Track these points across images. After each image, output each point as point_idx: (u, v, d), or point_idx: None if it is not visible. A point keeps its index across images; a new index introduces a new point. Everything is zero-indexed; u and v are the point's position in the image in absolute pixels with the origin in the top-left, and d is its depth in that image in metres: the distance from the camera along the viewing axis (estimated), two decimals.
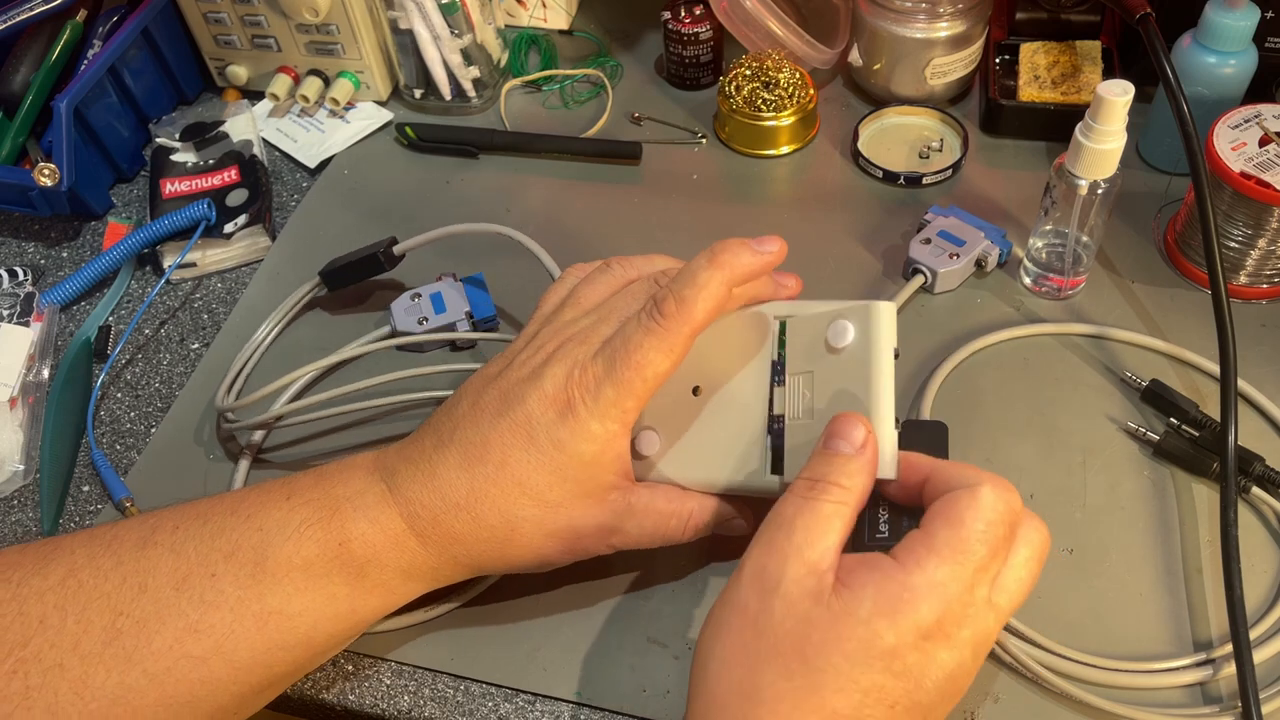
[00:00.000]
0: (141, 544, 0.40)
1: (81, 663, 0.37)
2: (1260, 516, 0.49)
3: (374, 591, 0.42)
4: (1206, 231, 0.52)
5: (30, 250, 0.70)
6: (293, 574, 0.40)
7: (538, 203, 0.69)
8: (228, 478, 0.55)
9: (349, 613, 0.41)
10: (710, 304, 0.41)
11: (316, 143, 0.74)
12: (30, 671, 0.37)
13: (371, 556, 0.41)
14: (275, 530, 0.40)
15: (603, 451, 0.41)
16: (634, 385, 0.41)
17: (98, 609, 0.38)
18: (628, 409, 0.41)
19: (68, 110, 0.66)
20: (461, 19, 0.71)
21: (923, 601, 0.34)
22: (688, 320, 0.41)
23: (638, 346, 0.41)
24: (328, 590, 0.40)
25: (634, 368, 0.40)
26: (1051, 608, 0.47)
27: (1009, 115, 0.68)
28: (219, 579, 0.39)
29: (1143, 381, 0.54)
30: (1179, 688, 0.44)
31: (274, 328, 0.61)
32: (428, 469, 0.42)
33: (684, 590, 0.49)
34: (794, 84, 0.68)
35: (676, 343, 0.41)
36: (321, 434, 0.57)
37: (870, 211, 0.65)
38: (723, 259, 0.42)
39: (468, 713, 0.46)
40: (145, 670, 0.38)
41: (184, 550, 0.40)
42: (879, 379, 0.41)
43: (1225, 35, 0.58)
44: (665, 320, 0.41)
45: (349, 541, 0.41)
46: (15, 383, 0.59)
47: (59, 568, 0.39)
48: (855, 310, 0.43)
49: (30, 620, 0.38)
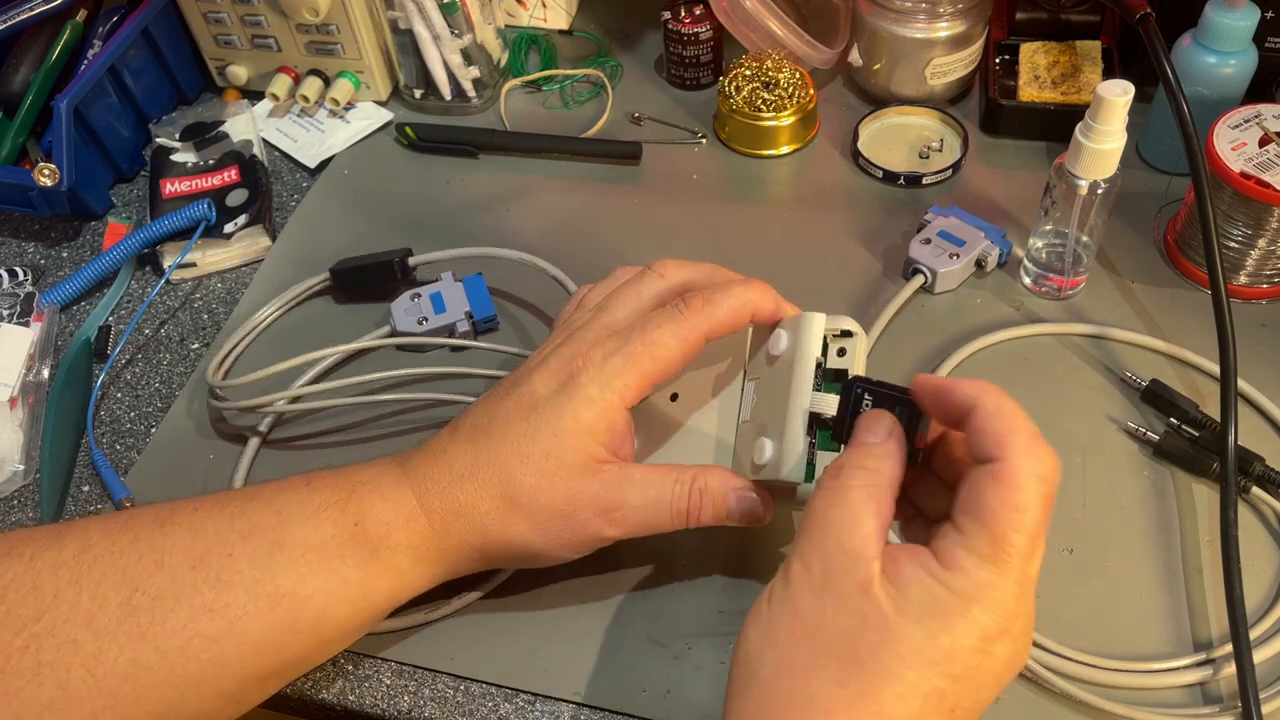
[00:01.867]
0: (160, 523, 0.41)
1: (95, 639, 0.37)
2: (1260, 516, 0.49)
3: (385, 575, 0.42)
4: (1206, 231, 0.52)
5: (30, 250, 0.70)
6: (308, 554, 0.41)
7: (538, 203, 0.69)
8: (228, 478, 0.55)
9: (359, 596, 0.42)
10: (733, 312, 0.43)
11: (316, 143, 0.74)
12: (43, 646, 0.37)
13: (384, 535, 0.42)
14: (294, 513, 0.41)
15: (598, 419, 0.42)
16: (641, 360, 0.42)
17: (113, 584, 0.38)
18: (629, 383, 0.42)
19: (68, 110, 0.66)
20: (461, 19, 0.71)
21: (974, 605, 0.33)
22: (709, 318, 0.43)
23: (655, 328, 0.43)
24: (341, 572, 0.41)
25: (645, 344, 0.42)
26: (1051, 608, 0.47)
27: (1009, 115, 0.68)
28: (235, 558, 0.40)
29: (1143, 381, 0.54)
30: (1179, 688, 0.44)
31: (275, 312, 0.62)
32: (438, 449, 0.44)
33: (684, 590, 0.49)
34: (794, 84, 0.68)
35: (691, 335, 0.43)
36: (320, 433, 0.57)
37: (870, 211, 0.65)
38: (756, 284, 0.45)
39: (468, 713, 0.46)
40: (158, 648, 0.38)
41: (202, 529, 0.41)
42: (797, 386, 0.42)
43: (1225, 35, 0.58)
44: (688, 311, 0.43)
45: (364, 520, 0.42)
46: (15, 383, 0.59)
47: (74, 542, 0.39)
48: (791, 321, 0.45)
49: (44, 595, 0.38)
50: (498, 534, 0.43)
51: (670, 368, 0.43)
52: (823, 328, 0.43)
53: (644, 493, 0.43)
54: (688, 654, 0.47)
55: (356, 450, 0.56)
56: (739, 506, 0.44)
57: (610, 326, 0.44)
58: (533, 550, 0.43)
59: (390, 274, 0.61)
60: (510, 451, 0.42)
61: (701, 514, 0.43)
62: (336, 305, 0.63)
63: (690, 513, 0.43)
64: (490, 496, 0.42)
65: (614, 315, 0.45)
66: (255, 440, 0.56)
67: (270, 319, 0.62)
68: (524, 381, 0.44)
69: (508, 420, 0.43)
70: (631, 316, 0.45)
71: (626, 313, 0.45)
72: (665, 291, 0.46)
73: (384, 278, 0.62)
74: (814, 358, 0.43)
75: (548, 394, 0.43)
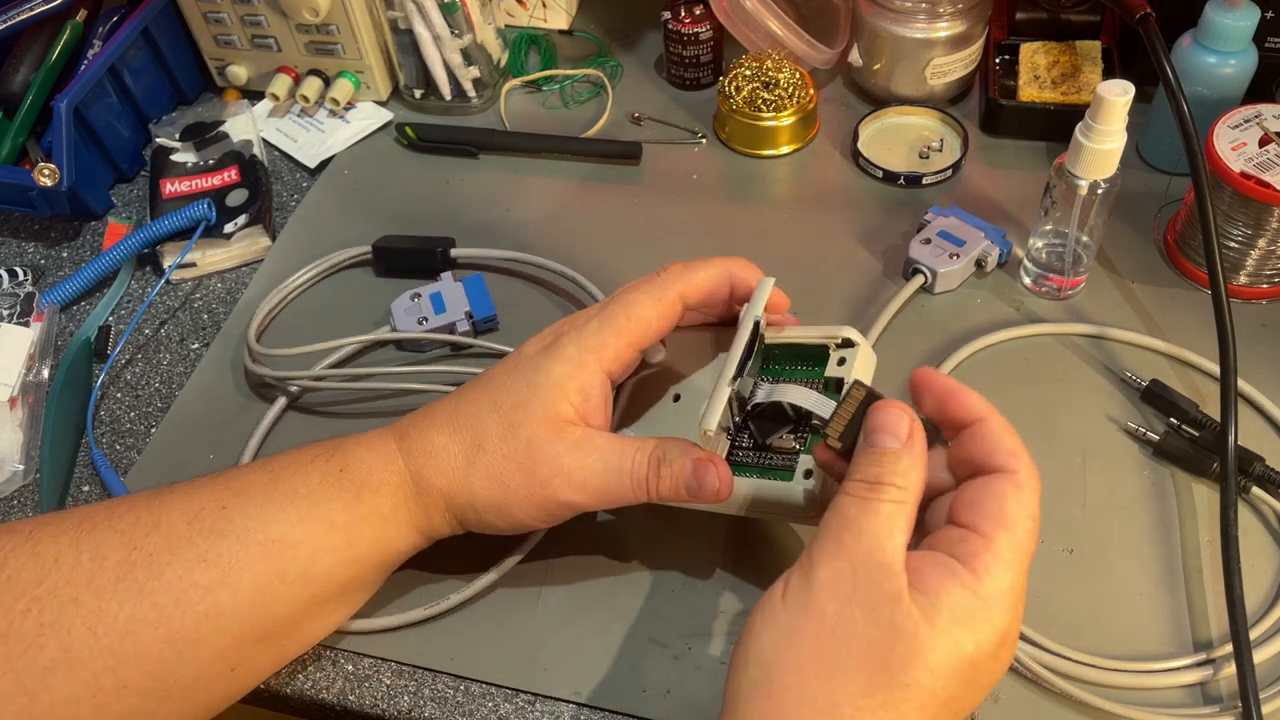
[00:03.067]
0: (158, 492, 0.43)
1: (95, 597, 0.38)
2: (1260, 516, 0.49)
3: (368, 520, 0.43)
4: (1206, 231, 0.52)
5: (30, 250, 0.70)
6: (296, 502, 0.42)
7: (538, 203, 0.69)
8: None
9: (346, 544, 0.43)
10: (710, 278, 0.45)
11: (316, 143, 0.74)
12: (45, 608, 0.38)
13: (366, 478, 0.43)
14: (284, 468, 0.44)
15: (569, 377, 0.43)
16: (617, 319, 0.44)
17: (112, 545, 0.39)
18: (605, 342, 0.44)
19: (68, 110, 0.66)
20: (461, 19, 0.71)
21: (996, 609, 0.34)
22: (681, 278, 0.45)
23: (631, 290, 0.45)
24: (327, 517, 0.42)
25: (621, 305, 0.44)
26: (1051, 608, 0.47)
27: (1009, 115, 0.68)
28: (229, 510, 0.41)
29: (1143, 381, 0.54)
30: (1179, 688, 0.44)
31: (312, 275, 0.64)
32: (425, 407, 0.46)
33: (685, 590, 0.49)
34: (794, 84, 0.68)
35: (665, 296, 0.44)
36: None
37: (870, 211, 0.65)
38: (739, 258, 0.46)
39: (468, 713, 0.46)
40: (154, 602, 0.39)
41: (198, 492, 0.42)
42: (737, 343, 0.43)
43: (1225, 35, 0.58)
44: (663, 275, 0.45)
45: (349, 466, 0.44)
46: (15, 383, 0.59)
47: (74, 515, 0.41)
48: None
49: (45, 559, 0.39)
50: (462, 481, 0.43)
51: (646, 329, 0.44)
52: (769, 290, 0.45)
53: (605, 458, 0.43)
54: (688, 654, 0.47)
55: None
56: (696, 477, 0.42)
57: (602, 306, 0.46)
58: (494, 503, 0.43)
59: (431, 261, 0.63)
60: (485, 400, 0.44)
61: (660, 484, 0.43)
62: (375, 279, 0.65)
63: (649, 481, 0.43)
64: (460, 441, 0.44)
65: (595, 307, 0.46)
66: (255, 441, 0.56)
67: (308, 282, 0.64)
68: (516, 350, 0.46)
69: (490, 375, 0.45)
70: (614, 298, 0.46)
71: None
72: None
73: (424, 263, 0.63)
74: (756, 315, 0.44)
75: (532, 354, 0.45)
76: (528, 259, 0.63)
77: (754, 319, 0.44)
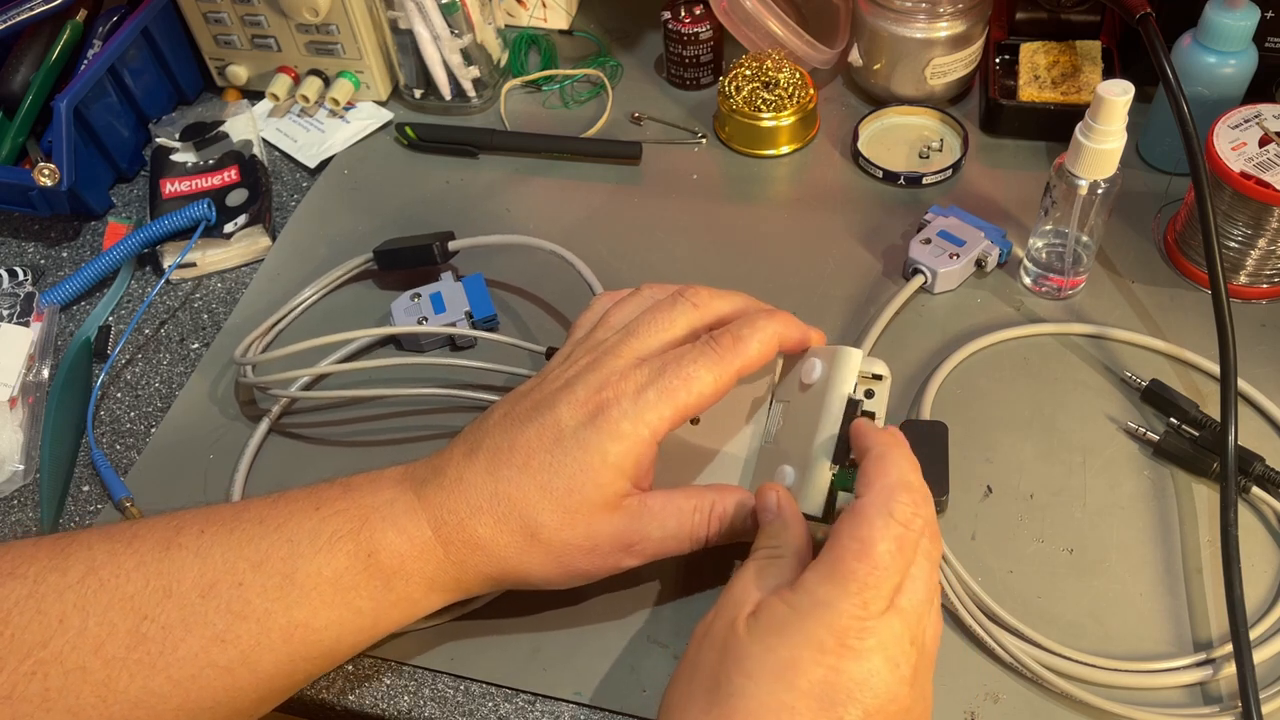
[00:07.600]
0: (165, 545, 0.40)
1: (105, 666, 0.37)
2: (1260, 516, 0.49)
3: (398, 605, 0.42)
4: (1206, 231, 0.52)
5: (30, 250, 0.70)
6: (321, 587, 0.40)
7: (538, 203, 0.69)
8: (228, 478, 0.55)
9: (371, 625, 0.42)
10: (764, 346, 0.43)
11: (316, 143, 0.74)
12: (50, 674, 0.36)
13: (398, 567, 0.41)
14: (305, 542, 0.40)
15: (626, 454, 0.41)
16: (678, 394, 0.41)
17: (121, 611, 0.38)
18: (664, 417, 0.41)
19: (68, 110, 0.66)
20: (461, 19, 0.71)
21: (807, 618, 0.35)
22: (741, 355, 0.43)
23: (691, 362, 0.42)
24: (354, 604, 0.40)
25: (682, 379, 0.42)
26: (1051, 608, 0.47)
27: (1009, 115, 0.68)
28: (246, 589, 0.39)
29: (1143, 381, 0.54)
30: (1179, 688, 0.44)
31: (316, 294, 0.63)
32: (455, 475, 0.42)
33: (684, 591, 0.49)
34: (794, 84, 0.68)
35: (725, 371, 0.42)
36: (322, 435, 0.57)
37: (870, 211, 0.65)
38: (781, 315, 0.45)
39: (468, 713, 0.46)
40: (170, 676, 0.38)
41: (210, 556, 0.40)
42: (826, 420, 0.43)
43: (1225, 35, 0.58)
44: (720, 349, 0.42)
45: (377, 553, 0.41)
46: (15, 383, 0.59)
47: (78, 565, 0.38)
48: (827, 351, 0.45)
49: (49, 619, 0.37)
50: (516, 567, 0.42)
51: (704, 404, 0.42)
52: (859, 364, 0.44)
53: (664, 524, 0.43)
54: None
55: (358, 450, 0.56)
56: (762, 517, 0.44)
57: (639, 354, 0.43)
58: (550, 580, 0.43)
59: (430, 256, 0.62)
60: (532, 486, 0.41)
61: (720, 539, 0.44)
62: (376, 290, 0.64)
63: (709, 540, 0.44)
64: (510, 531, 0.41)
65: (644, 342, 0.43)
66: (255, 442, 0.56)
67: (313, 300, 0.63)
68: (548, 408, 0.42)
69: (529, 451, 0.41)
70: (662, 346, 0.44)
71: (658, 342, 0.44)
72: (698, 323, 0.45)
73: (424, 260, 0.62)
74: (846, 394, 0.43)
75: (575, 425, 0.41)
76: (526, 241, 0.61)
77: (842, 399, 0.43)
